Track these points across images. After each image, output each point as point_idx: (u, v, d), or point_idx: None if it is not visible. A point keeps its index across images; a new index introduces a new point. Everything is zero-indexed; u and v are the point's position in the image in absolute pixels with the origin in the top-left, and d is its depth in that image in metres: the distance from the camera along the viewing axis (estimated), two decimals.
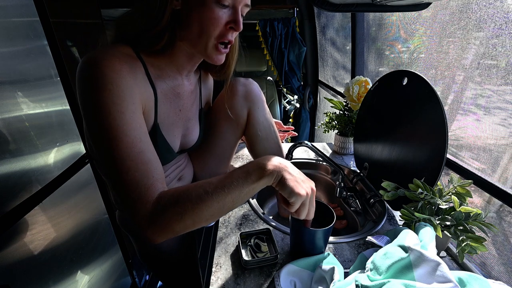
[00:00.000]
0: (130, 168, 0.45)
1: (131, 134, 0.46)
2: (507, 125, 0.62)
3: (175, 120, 0.62)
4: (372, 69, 1.28)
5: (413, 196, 0.56)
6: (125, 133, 0.45)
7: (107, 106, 0.44)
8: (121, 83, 0.45)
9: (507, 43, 0.59)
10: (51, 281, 0.74)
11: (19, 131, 0.66)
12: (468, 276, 0.41)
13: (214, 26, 0.50)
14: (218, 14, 0.50)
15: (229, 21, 0.51)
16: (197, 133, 0.72)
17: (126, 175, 0.45)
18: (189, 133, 0.69)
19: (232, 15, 0.51)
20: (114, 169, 0.45)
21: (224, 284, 0.51)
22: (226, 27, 0.52)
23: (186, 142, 0.69)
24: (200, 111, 0.73)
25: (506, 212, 0.60)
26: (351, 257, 0.58)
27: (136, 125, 0.47)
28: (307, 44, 1.88)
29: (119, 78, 0.45)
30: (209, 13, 0.49)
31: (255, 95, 0.73)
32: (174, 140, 0.63)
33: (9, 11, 0.64)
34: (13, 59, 0.65)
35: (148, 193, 0.45)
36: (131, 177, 0.45)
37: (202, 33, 0.51)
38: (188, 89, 0.65)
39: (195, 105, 0.69)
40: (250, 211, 0.72)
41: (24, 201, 0.65)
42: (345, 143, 1.02)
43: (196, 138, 0.72)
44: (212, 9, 0.49)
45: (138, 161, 0.46)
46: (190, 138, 0.69)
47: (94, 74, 0.44)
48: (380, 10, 0.90)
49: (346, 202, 0.84)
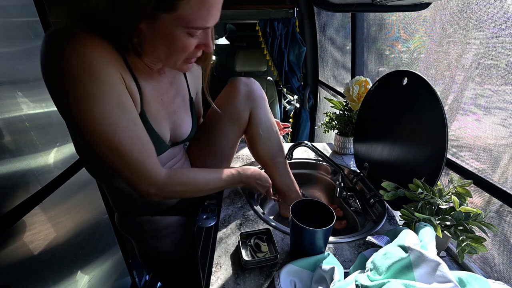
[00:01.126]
0: (132, 150, 0.48)
1: (125, 118, 0.47)
2: (507, 125, 0.62)
3: (159, 109, 0.59)
4: (372, 69, 1.28)
5: (413, 196, 0.56)
6: (119, 117, 0.46)
7: (92, 90, 0.42)
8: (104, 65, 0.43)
9: (507, 43, 0.59)
10: (51, 281, 0.74)
11: (19, 131, 0.66)
12: (468, 276, 0.41)
13: (184, 52, 0.48)
14: (188, 43, 0.47)
15: (200, 44, 0.49)
16: (189, 125, 0.69)
17: (131, 156, 0.48)
18: (178, 125, 0.66)
19: (203, 38, 0.49)
20: (117, 153, 0.47)
21: (224, 284, 0.51)
22: (196, 50, 0.50)
23: (177, 134, 0.67)
24: (191, 101, 0.70)
25: (506, 212, 0.60)
26: (351, 257, 0.58)
27: (127, 109, 0.47)
28: (307, 44, 1.88)
29: (102, 60, 0.43)
30: (179, 44, 0.47)
31: (257, 95, 0.73)
32: (162, 130, 0.60)
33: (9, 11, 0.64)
34: (13, 59, 0.65)
35: (155, 169, 0.53)
36: (136, 157, 0.49)
37: (170, 56, 0.49)
38: (166, 81, 0.61)
39: (179, 97, 0.66)
40: (250, 211, 0.72)
41: (24, 201, 0.65)
42: (345, 143, 1.02)
43: (189, 130, 0.69)
44: (181, 40, 0.46)
45: (138, 143, 0.49)
46: (181, 130, 0.67)
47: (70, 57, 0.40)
48: (380, 10, 0.90)
49: (346, 202, 0.84)
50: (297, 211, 0.55)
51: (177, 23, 0.43)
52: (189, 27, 0.44)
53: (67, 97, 0.43)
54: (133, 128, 0.48)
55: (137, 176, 0.51)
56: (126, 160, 0.49)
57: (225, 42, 2.80)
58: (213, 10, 0.45)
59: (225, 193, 0.80)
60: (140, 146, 0.50)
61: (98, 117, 0.44)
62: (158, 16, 0.42)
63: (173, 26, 0.44)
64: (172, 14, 0.42)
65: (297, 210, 0.55)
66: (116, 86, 0.46)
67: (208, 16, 0.45)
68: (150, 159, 0.52)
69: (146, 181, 0.52)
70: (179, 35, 0.45)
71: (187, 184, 0.59)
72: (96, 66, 0.42)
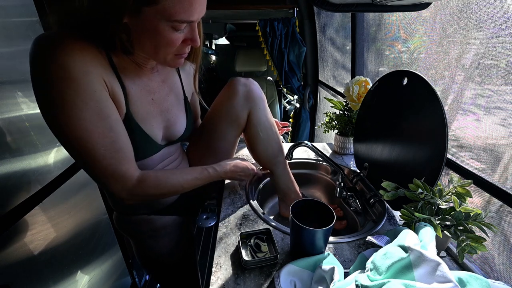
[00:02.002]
0: (105, 156, 0.49)
1: (101, 125, 0.47)
2: (507, 125, 0.62)
3: (150, 110, 0.60)
4: (372, 69, 1.28)
5: (413, 196, 0.56)
6: (94, 123, 0.46)
7: (71, 97, 0.43)
8: (83, 72, 0.44)
9: (507, 43, 0.59)
10: (51, 281, 0.74)
11: (19, 131, 0.66)
12: (468, 276, 0.41)
13: (170, 47, 0.49)
14: (174, 37, 0.48)
15: (186, 39, 0.50)
16: (183, 124, 0.69)
17: (102, 161, 0.49)
18: (172, 124, 0.66)
19: (189, 33, 0.50)
20: (90, 160, 0.48)
21: (224, 284, 0.51)
22: (183, 44, 0.51)
23: (171, 133, 0.67)
24: (185, 100, 0.70)
25: (506, 212, 0.60)
26: (351, 257, 0.58)
27: (105, 115, 0.48)
28: (307, 44, 1.88)
29: (81, 67, 0.44)
30: (164, 39, 0.47)
31: (256, 95, 0.73)
32: (153, 130, 0.61)
33: (9, 11, 0.64)
34: (13, 59, 0.65)
35: (127, 174, 0.53)
36: (108, 163, 0.50)
37: (158, 51, 0.50)
38: (157, 79, 0.62)
39: (172, 95, 0.66)
40: (250, 211, 0.72)
41: (24, 201, 0.65)
42: (345, 143, 1.02)
43: (183, 129, 0.69)
44: (167, 35, 0.47)
45: (112, 150, 0.50)
46: (174, 129, 0.67)
47: (51, 64, 0.42)
48: (380, 10, 0.90)
49: (346, 202, 0.84)
50: (297, 211, 0.55)
51: (160, 16, 0.44)
52: (173, 21, 0.45)
53: (46, 101, 0.44)
54: (108, 135, 0.49)
55: (108, 180, 0.52)
56: (98, 165, 0.50)
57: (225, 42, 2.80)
58: (196, 3, 0.45)
59: (225, 193, 0.80)
60: (113, 152, 0.50)
61: (73, 123, 0.45)
62: (141, 9, 0.43)
63: (156, 19, 0.44)
64: (154, 7, 0.43)
65: (297, 210, 0.55)
66: (95, 93, 0.46)
67: (190, 9, 0.45)
68: (122, 165, 0.52)
69: (117, 185, 0.53)
70: (163, 29, 0.46)
71: (160, 187, 0.58)
72: (75, 73, 0.43)
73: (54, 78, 0.42)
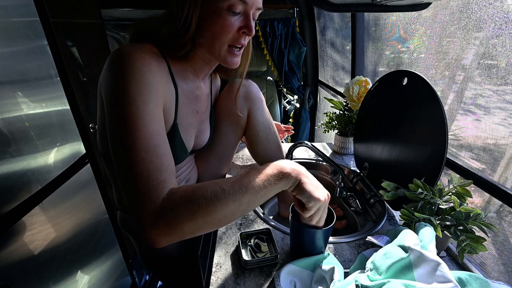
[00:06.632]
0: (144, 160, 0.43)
1: (151, 126, 0.46)
2: (507, 125, 0.62)
3: (192, 121, 0.64)
4: (372, 69, 1.28)
5: (413, 196, 0.56)
6: (145, 123, 0.45)
7: (133, 94, 0.45)
8: (149, 76, 0.47)
9: (507, 43, 0.59)
10: (51, 281, 0.74)
11: (19, 131, 0.66)
12: (468, 276, 0.41)
13: (226, 32, 0.51)
14: (230, 21, 0.51)
15: (241, 26, 0.52)
16: (208, 134, 0.73)
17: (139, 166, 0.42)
18: (201, 134, 0.70)
19: (244, 20, 0.52)
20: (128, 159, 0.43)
21: (224, 284, 0.51)
22: (238, 33, 0.53)
23: (198, 142, 0.70)
24: (211, 112, 0.74)
25: (506, 212, 0.60)
26: (351, 257, 0.58)
27: (157, 118, 0.48)
28: (307, 44, 1.88)
29: (148, 71, 0.47)
30: (221, 21, 0.50)
31: (254, 96, 0.73)
32: (189, 140, 0.64)
33: (9, 11, 0.64)
34: (13, 59, 0.64)
35: (158, 188, 0.42)
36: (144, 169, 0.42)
37: (215, 39, 0.52)
38: (205, 92, 0.67)
39: (209, 107, 0.71)
40: (250, 211, 0.72)
41: (24, 201, 0.65)
42: (345, 143, 1.02)
43: (207, 139, 0.73)
44: (224, 17, 0.50)
45: (153, 154, 0.44)
46: (202, 139, 0.71)
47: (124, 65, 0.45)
48: (380, 10, 0.90)
49: (346, 202, 0.84)
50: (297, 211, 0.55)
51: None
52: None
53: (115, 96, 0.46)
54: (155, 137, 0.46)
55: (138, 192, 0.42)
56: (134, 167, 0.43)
57: None
58: None
59: None
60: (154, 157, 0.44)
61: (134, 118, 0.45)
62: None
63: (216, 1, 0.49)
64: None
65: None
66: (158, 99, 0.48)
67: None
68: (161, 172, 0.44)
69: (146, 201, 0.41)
70: (221, 10, 0.49)
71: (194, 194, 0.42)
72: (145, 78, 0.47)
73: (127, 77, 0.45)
